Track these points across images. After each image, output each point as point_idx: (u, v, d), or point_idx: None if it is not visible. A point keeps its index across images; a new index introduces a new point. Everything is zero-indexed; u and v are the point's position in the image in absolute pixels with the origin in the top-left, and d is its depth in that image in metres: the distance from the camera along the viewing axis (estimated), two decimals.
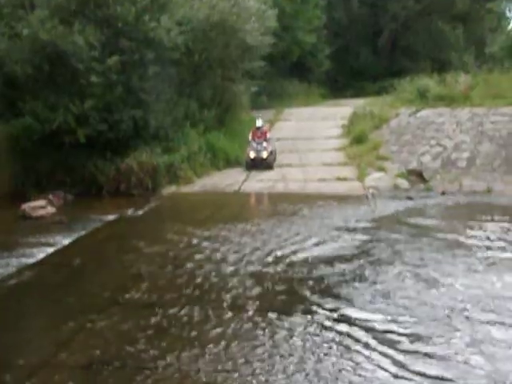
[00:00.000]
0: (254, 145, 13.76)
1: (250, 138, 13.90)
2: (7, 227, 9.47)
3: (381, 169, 12.93)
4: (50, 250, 8.09)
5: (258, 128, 13.98)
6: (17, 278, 6.88)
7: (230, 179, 12.70)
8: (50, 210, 10.59)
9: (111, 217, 10.18)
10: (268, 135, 14.00)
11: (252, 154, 13.65)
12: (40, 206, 10.49)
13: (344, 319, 5.53)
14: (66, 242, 8.53)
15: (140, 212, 10.57)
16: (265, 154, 13.62)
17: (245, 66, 15.83)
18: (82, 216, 10.18)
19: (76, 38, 11.16)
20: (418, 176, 12.64)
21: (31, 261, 7.55)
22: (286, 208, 10.58)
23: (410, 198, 11.37)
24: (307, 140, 15.54)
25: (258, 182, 12.74)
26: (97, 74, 11.42)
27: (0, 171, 11.97)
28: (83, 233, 9.11)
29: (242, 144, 14.49)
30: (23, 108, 11.69)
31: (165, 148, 12.65)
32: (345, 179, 12.65)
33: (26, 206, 10.33)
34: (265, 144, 13.75)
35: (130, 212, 10.53)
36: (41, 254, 7.85)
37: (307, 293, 6.25)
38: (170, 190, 12.30)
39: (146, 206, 11.00)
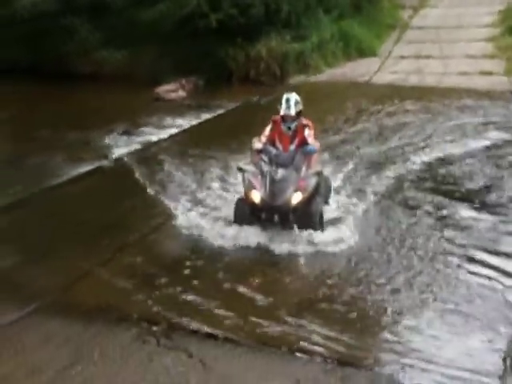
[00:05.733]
0: (266, 168, 5.29)
1: (261, 142, 5.44)
2: (140, 108, 10.14)
3: None
4: (174, 130, 8.60)
5: (284, 119, 5.40)
6: (137, 155, 7.47)
7: (361, 69, 12.11)
8: (181, 94, 11.12)
9: (236, 103, 10.39)
10: (310, 140, 5.39)
11: (256, 196, 5.20)
12: (172, 90, 11.07)
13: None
14: (189, 125, 8.96)
15: (265, 100, 10.62)
16: (296, 197, 5.17)
17: None
18: (209, 101, 10.56)
19: None
20: None
21: (153, 138, 8.12)
22: (416, 103, 9.97)
23: None
24: (453, 29, 14.13)
25: (390, 74, 12.02)
26: None
27: (140, 55, 12.62)
28: (208, 117, 9.49)
29: (379, 33, 13.61)
30: None
31: (295, 36, 12.26)
32: (489, 73, 11.47)
33: (160, 89, 10.96)
34: (297, 166, 5.32)
35: (254, 100, 10.65)
36: (163, 134, 8.39)
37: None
38: (298, 78, 12.08)
39: (271, 94, 11.00)
